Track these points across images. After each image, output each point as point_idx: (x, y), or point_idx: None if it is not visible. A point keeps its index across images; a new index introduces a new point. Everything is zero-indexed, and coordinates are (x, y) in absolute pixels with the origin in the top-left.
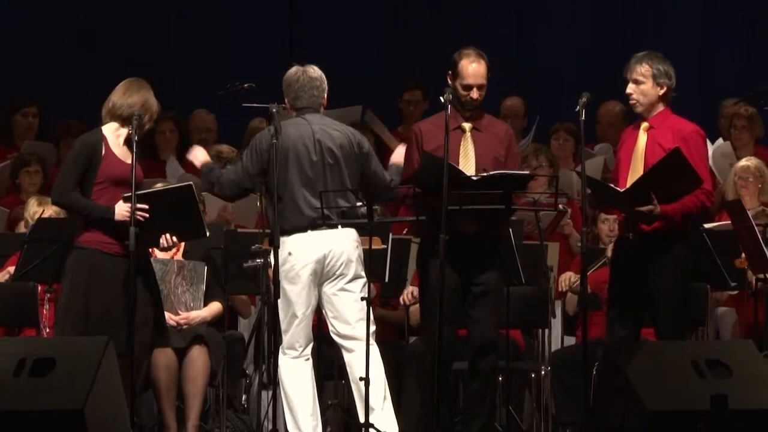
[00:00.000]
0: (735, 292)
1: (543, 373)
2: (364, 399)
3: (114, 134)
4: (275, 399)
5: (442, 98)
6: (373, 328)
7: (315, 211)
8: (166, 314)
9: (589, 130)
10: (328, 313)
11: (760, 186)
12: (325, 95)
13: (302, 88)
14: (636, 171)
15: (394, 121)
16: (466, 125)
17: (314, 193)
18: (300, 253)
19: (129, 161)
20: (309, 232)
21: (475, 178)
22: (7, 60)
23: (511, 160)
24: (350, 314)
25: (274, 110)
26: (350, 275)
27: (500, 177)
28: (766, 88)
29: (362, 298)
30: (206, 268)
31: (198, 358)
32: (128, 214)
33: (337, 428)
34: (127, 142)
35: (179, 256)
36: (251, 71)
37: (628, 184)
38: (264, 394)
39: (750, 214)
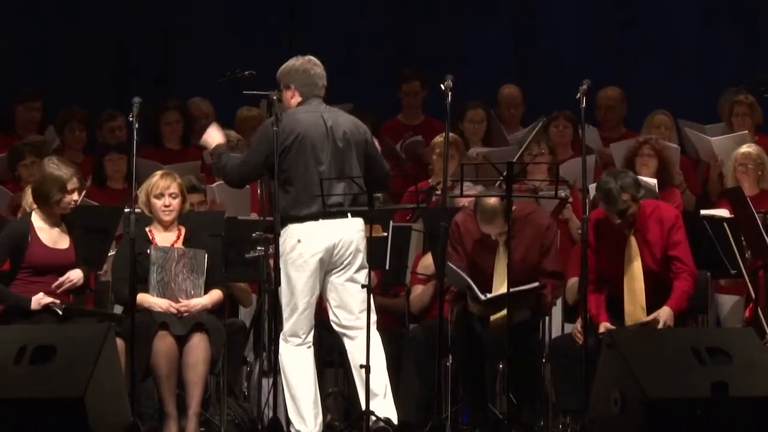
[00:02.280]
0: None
1: (543, 360)
2: (365, 386)
3: (41, 220)
4: (276, 387)
5: (442, 86)
6: (375, 317)
7: (327, 199)
8: (167, 302)
9: (589, 114)
10: (332, 302)
11: (760, 173)
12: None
13: (313, 77)
14: (633, 278)
15: (393, 111)
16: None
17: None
18: (309, 240)
19: (60, 246)
20: (320, 220)
21: (483, 298)
22: (10, 47)
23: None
24: (355, 305)
25: (274, 98)
26: (356, 265)
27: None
28: (765, 76)
29: (363, 286)
30: (207, 255)
31: (199, 345)
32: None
33: (338, 415)
34: (60, 222)
35: (179, 244)
36: (248, 60)
37: (627, 292)
38: (264, 381)
39: None
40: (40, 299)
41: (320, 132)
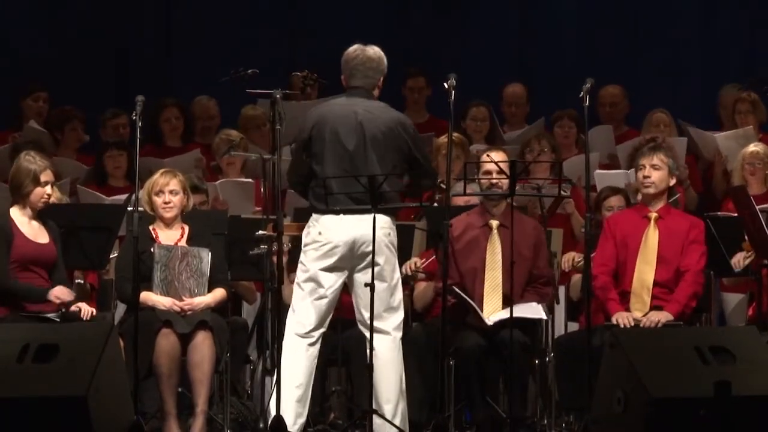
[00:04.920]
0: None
1: (547, 359)
2: (369, 384)
3: (20, 215)
4: (279, 385)
5: (446, 84)
6: (400, 317)
7: (342, 195)
8: (170, 300)
9: (591, 114)
10: (358, 301)
11: (767, 172)
12: (381, 77)
13: (357, 66)
14: (647, 262)
15: (397, 108)
16: (494, 222)
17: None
18: (329, 233)
19: (40, 240)
20: (341, 214)
21: (489, 322)
22: (17, 44)
23: (541, 258)
24: (378, 304)
25: (278, 96)
26: (381, 262)
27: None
28: (766, 75)
29: (366, 285)
30: (210, 254)
31: (203, 343)
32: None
33: (341, 414)
34: (37, 218)
35: (183, 243)
36: (251, 58)
37: (637, 277)
38: (268, 380)
39: None
40: (57, 294)
41: (348, 126)
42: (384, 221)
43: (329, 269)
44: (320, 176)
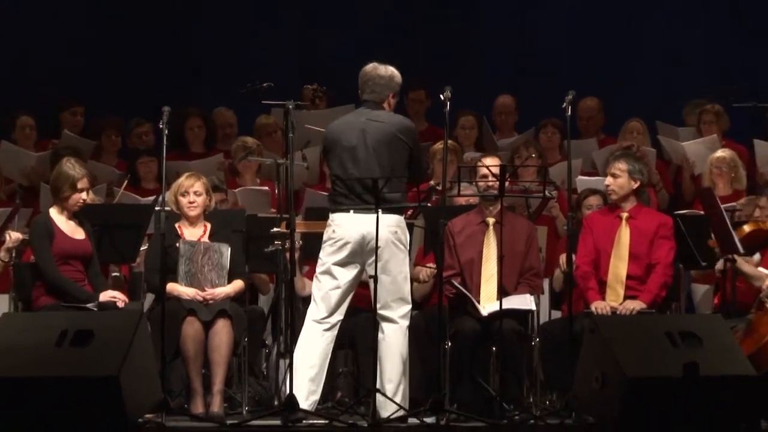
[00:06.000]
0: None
1: (533, 343)
2: (373, 367)
3: (58, 214)
4: (292, 367)
5: (442, 96)
6: (408, 308)
7: (354, 193)
8: (194, 290)
9: (571, 124)
10: (371, 292)
11: (733, 175)
12: (391, 93)
13: (367, 82)
14: (620, 257)
15: None
16: (490, 220)
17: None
18: (342, 229)
19: (77, 237)
20: (351, 212)
21: (485, 313)
22: (58, 61)
23: (532, 252)
24: (383, 294)
25: (290, 107)
26: (385, 257)
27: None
28: (732, 87)
29: (370, 276)
30: (230, 249)
31: (223, 329)
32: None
33: (348, 393)
34: (73, 217)
35: (205, 239)
36: (264, 72)
37: (612, 271)
38: (281, 362)
39: (741, 202)
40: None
41: (354, 136)
42: (392, 220)
43: (342, 263)
44: (333, 179)
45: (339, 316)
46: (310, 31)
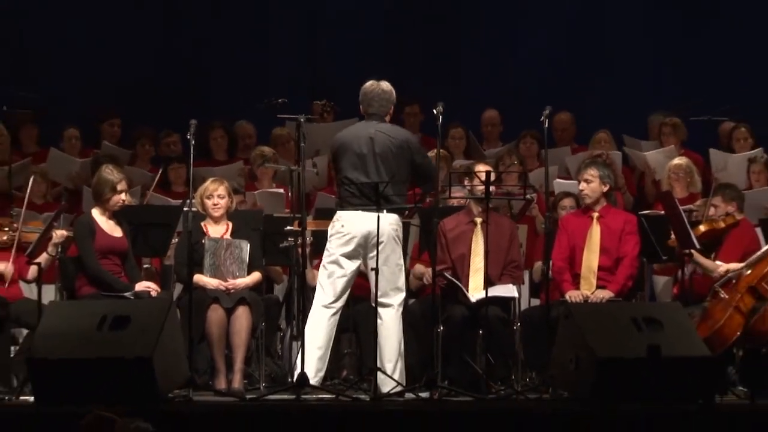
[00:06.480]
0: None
1: (515, 327)
2: (373, 348)
3: (99, 215)
4: (303, 348)
5: (434, 110)
6: (403, 296)
7: (362, 194)
8: (217, 281)
9: (548, 135)
10: (372, 282)
11: (688, 180)
12: (392, 107)
13: (373, 98)
14: (592, 252)
15: None
16: (478, 219)
17: (365, 180)
18: (350, 225)
19: (115, 234)
20: (358, 211)
21: (473, 300)
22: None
23: (514, 248)
24: (381, 283)
25: (302, 120)
26: (387, 252)
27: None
28: (690, 102)
29: (372, 269)
30: (249, 245)
31: (242, 315)
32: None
33: (352, 371)
34: (112, 216)
35: (227, 236)
36: (277, 88)
37: (585, 264)
38: (294, 344)
39: (697, 203)
40: (141, 285)
41: (363, 144)
42: (393, 218)
43: (348, 255)
44: (343, 181)
45: (342, 301)
46: (312, 31)
